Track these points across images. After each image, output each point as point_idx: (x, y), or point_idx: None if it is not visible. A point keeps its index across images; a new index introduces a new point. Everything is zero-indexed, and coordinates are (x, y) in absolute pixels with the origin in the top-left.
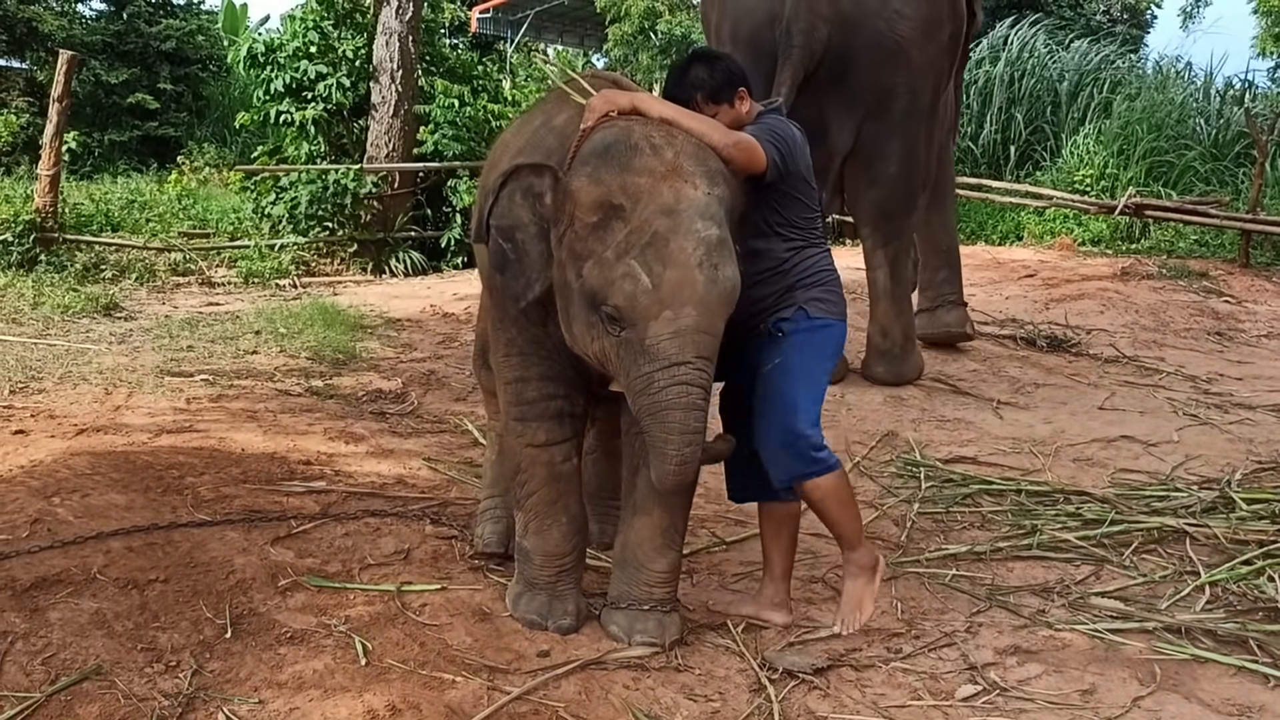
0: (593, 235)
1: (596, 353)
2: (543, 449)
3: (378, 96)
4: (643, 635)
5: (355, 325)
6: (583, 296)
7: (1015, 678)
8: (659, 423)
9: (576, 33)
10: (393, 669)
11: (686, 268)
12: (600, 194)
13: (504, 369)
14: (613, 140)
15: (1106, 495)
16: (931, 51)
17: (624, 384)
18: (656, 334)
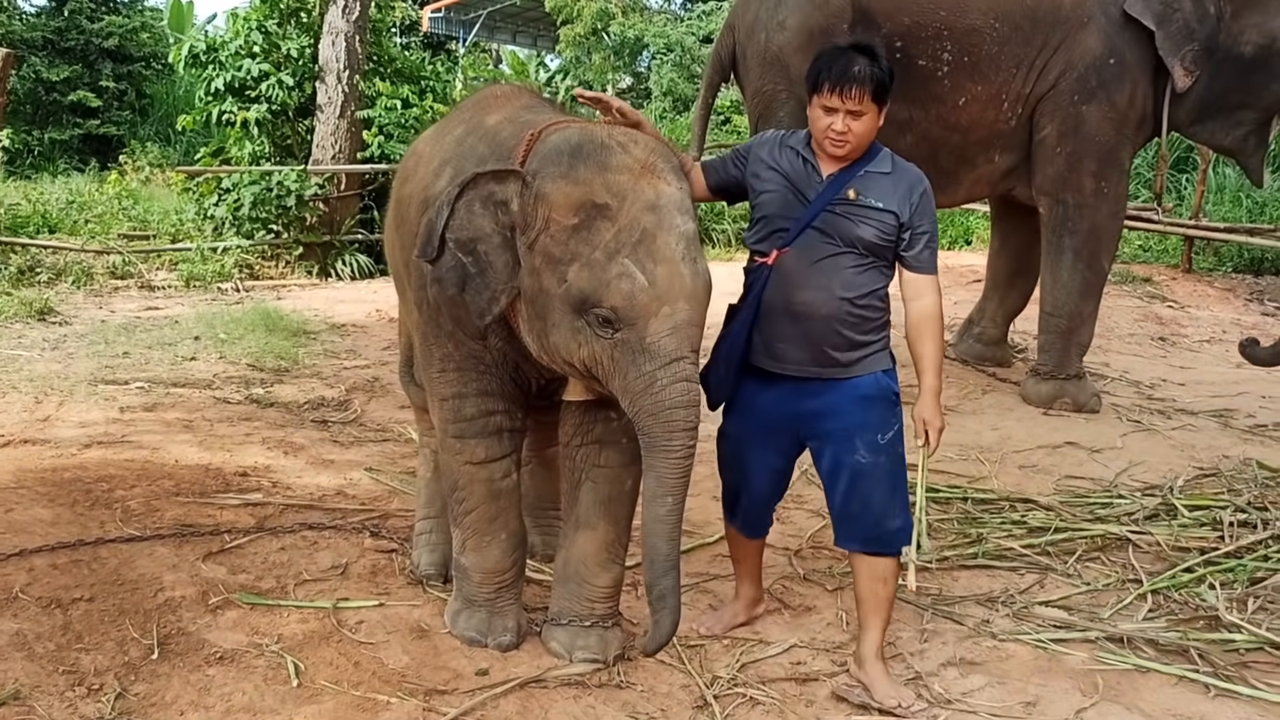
0: (575, 237)
1: (584, 360)
2: (482, 466)
3: (323, 97)
4: (584, 652)
5: (298, 330)
6: (567, 302)
7: (960, 689)
8: (663, 422)
9: (529, 33)
10: (325, 690)
11: (674, 263)
12: (581, 194)
13: (439, 385)
14: (580, 140)
15: (1051, 503)
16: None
17: (618, 386)
18: (657, 331)
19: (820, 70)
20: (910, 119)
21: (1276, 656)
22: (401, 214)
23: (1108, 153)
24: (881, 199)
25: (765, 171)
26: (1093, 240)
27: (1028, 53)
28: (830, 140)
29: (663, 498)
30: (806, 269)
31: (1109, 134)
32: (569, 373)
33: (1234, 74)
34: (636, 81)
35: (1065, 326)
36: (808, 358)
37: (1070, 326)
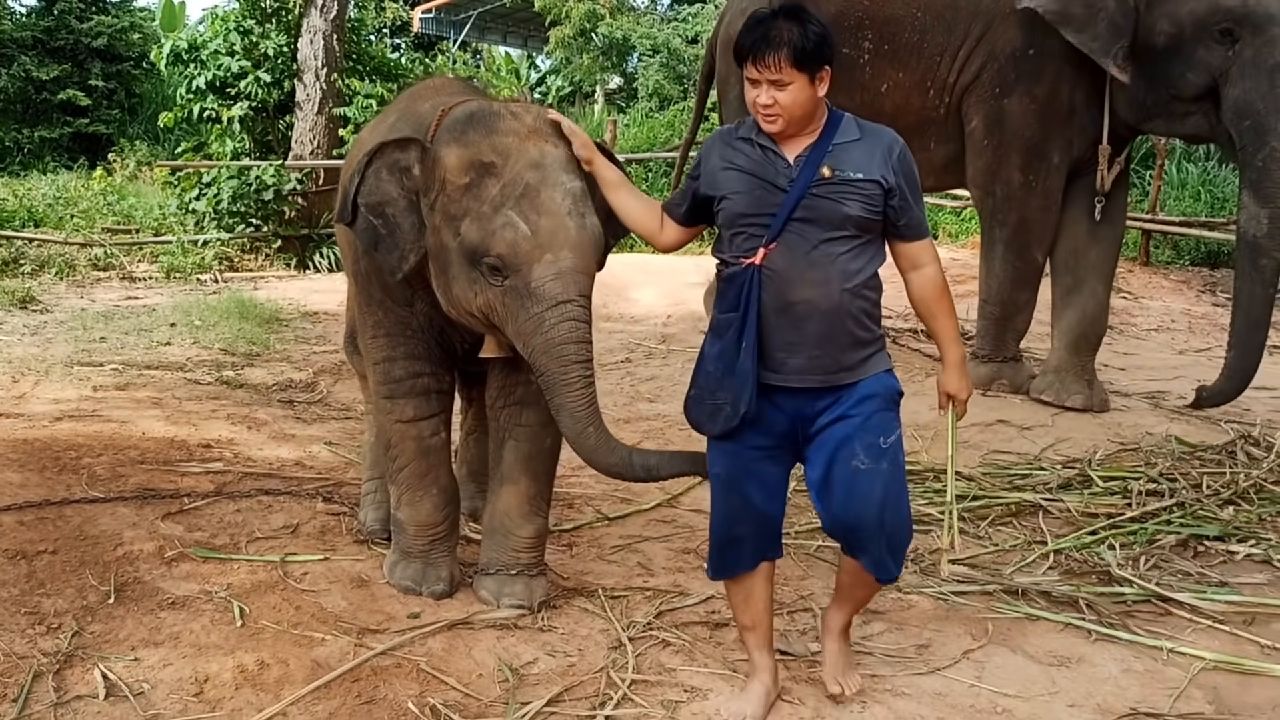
0: (467, 194)
1: (481, 307)
2: (411, 424)
3: (302, 94)
4: (510, 598)
5: (271, 318)
6: (462, 254)
7: (860, 635)
8: (555, 358)
9: (520, 34)
10: (266, 629)
11: (558, 215)
12: (471, 155)
13: (372, 349)
14: (475, 110)
15: (973, 474)
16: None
17: (512, 331)
18: (541, 276)
19: (740, 41)
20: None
21: (1161, 607)
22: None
23: (1033, 146)
24: (860, 168)
25: (722, 175)
26: (1022, 232)
27: (951, 42)
28: (760, 115)
29: (582, 432)
30: (800, 263)
31: (1033, 127)
32: (474, 324)
33: (1156, 67)
34: (626, 82)
35: (999, 314)
36: (812, 365)
37: (1004, 314)
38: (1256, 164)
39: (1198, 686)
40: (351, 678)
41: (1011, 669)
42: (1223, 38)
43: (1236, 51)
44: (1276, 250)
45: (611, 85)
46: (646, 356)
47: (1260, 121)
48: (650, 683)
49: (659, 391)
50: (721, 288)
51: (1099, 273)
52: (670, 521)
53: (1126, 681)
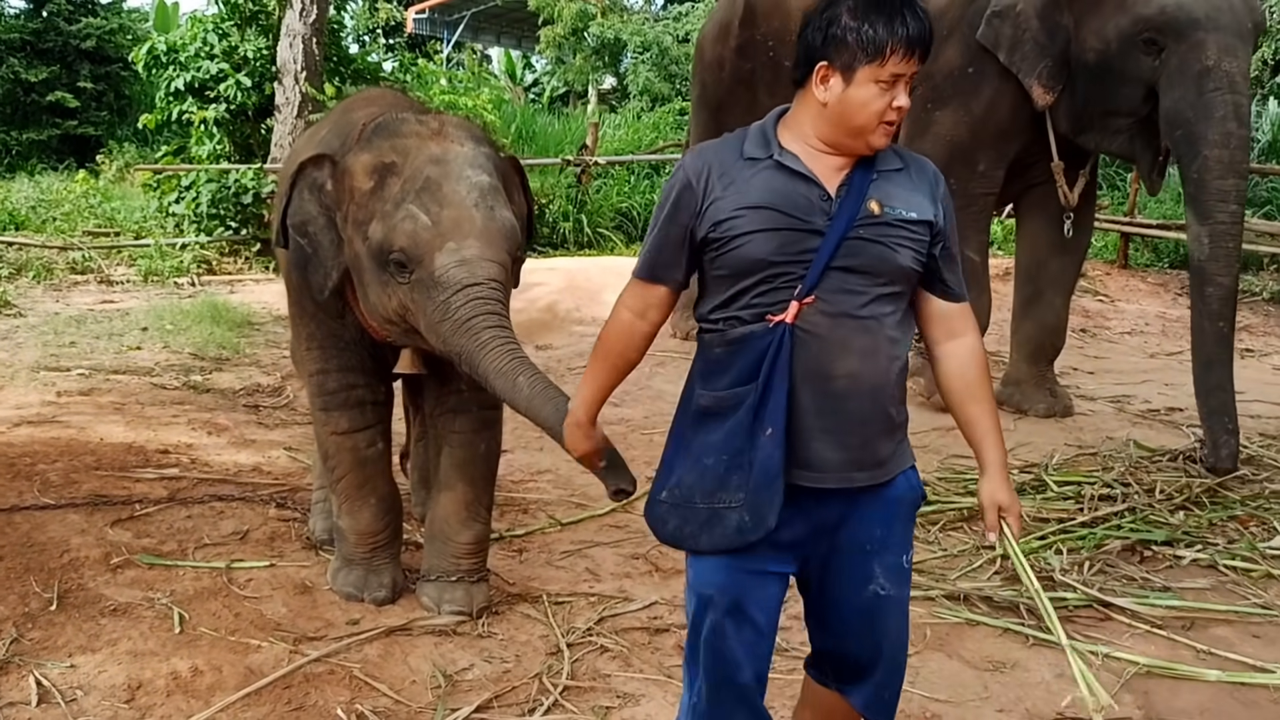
0: (372, 198)
1: (396, 310)
2: (346, 436)
3: (281, 98)
4: (451, 604)
5: (243, 322)
6: (371, 256)
7: (799, 640)
8: (465, 333)
9: (514, 34)
10: (204, 636)
11: (463, 207)
12: (372, 159)
13: (307, 361)
14: (384, 120)
15: (928, 478)
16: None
17: (425, 327)
18: (444, 264)
19: (873, 26)
20: None
21: (1102, 612)
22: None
23: (960, 156)
24: (911, 206)
25: (733, 212)
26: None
27: None
28: (885, 128)
29: (514, 383)
30: (846, 324)
31: (963, 138)
32: (393, 333)
33: (1088, 83)
34: (619, 82)
35: None
36: (853, 459)
37: None
38: (1192, 176)
39: (1129, 691)
40: (283, 684)
41: (946, 674)
42: (1148, 48)
43: (1163, 61)
44: (1221, 275)
45: (605, 85)
46: None
47: (1191, 130)
48: (583, 689)
49: (624, 396)
50: (720, 356)
51: (1059, 285)
52: (623, 527)
53: (1058, 686)
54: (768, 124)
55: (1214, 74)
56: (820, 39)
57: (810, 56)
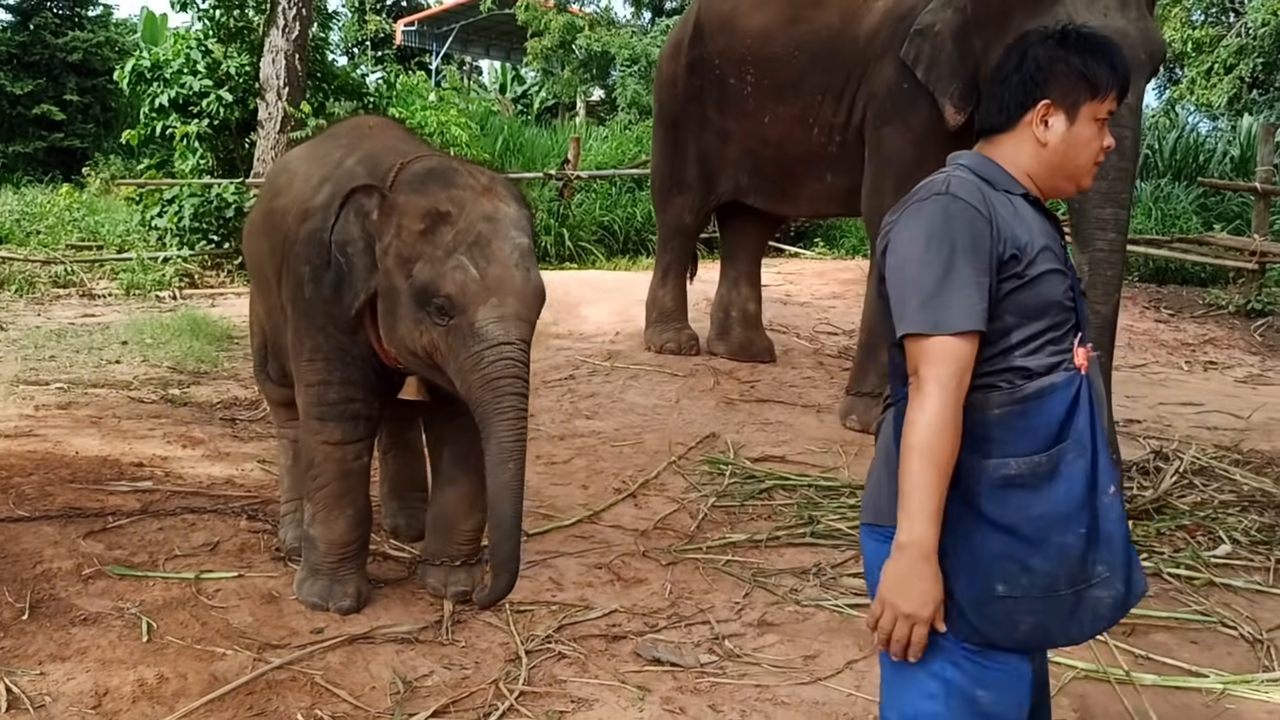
0: (422, 240)
1: (425, 346)
2: (337, 447)
3: (264, 113)
4: (455, 585)
5: (223, 335)
6: (412, 294)
7: (752, 646)
8: (492, 392)
9: (503, 46)
10: (171, 645)
11: (506, 265)
12: (428, 204)
13: (307, 372)
14: (434, 166)
15: None
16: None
17: (453, 369)
18: (484, 318)
19: (1096, 63)
20: (732, 130)
21: None
22: (274, 223)
23: (907, 173)
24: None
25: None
26: None
27: (833, 82)
28: (1096, 167)
29: (504, 464)
30: (1098, 372)
31: (909, 154)
32: (410, 363)
33: None
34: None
35: (866, 341)
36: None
37: (870, 343)
38: (1074, 204)
39: (1066, 695)
40: (246, 691)
41: None
42: None
43: None
44: (1100, 303)
45: (593, 98)
46: (590, 374)
47: None
48: (539, 694)
49: (597, 409)
50: (1009, 415)
51: None
52: (588, 537)
53: None
54: (984, 162)
55: None
56: (1042, 76)
57: (1028, 95)
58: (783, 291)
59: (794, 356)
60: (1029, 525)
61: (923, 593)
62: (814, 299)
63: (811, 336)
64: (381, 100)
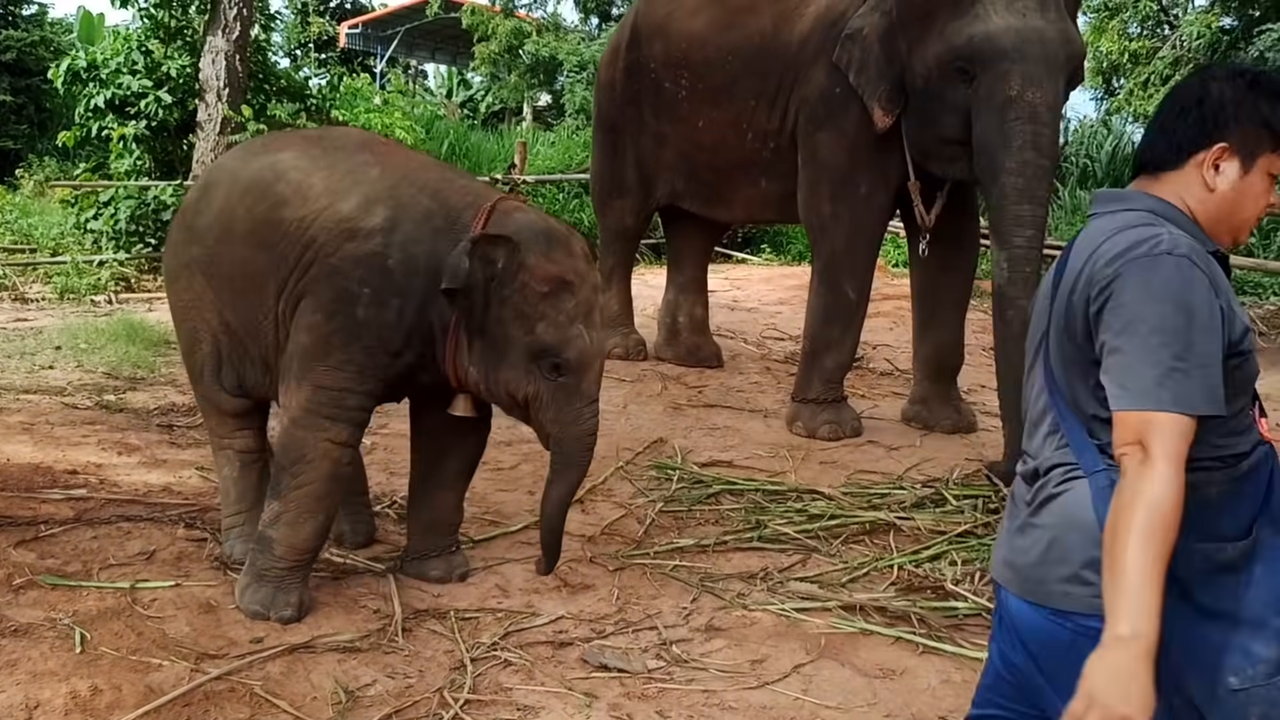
0: (544, 302)
1: (527, 394)
2: (339, 447)
3: (204, 115)
4: (460, 569)
5: (160, 340)
6: (530, 349)
7: (699, 651)
8: (582, 444)
9: (448, 50)
10: (105, 656)
11: (599, 331)
12: (557, 271)
13: (326, 377)
14: (546, 228)
15: (834, 493)
16: (608, 73)
17: (550, 418)
18: (589, 380)
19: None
20: (667, 134)
21: (990, 620)
22: (281, 234)
23: (841, 179)
24: None
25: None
26: (832, 264)
27: (765, 88)
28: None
29: (564, 499)
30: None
31: (842, 160)
32: (499, 401)
33: (919, 108)
34: (555, 100)
35: (809, 349)
36: None
37: (814, 349)
38: (993, 203)
39: None
40: (183, 702)
41: (837, 682)
42: (962, 77)
43: (974, 89)
44: (1020, 298)
45: (540, 103)
46: None
47: (993, 158)
48: (485, 702)
49: None
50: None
51: (953, 304)
52: (535, 544)
53: (944, 692)
54: (1172, 211)
55: (1016, 104)
56: (1224, 118)
57: (1205, 135)
58: (730, 297)
59: (741, 362)
60: (1246, 610)
61: (1143, 692)
62: (761, 304)
63: (759, 342)
64: (325, 103)
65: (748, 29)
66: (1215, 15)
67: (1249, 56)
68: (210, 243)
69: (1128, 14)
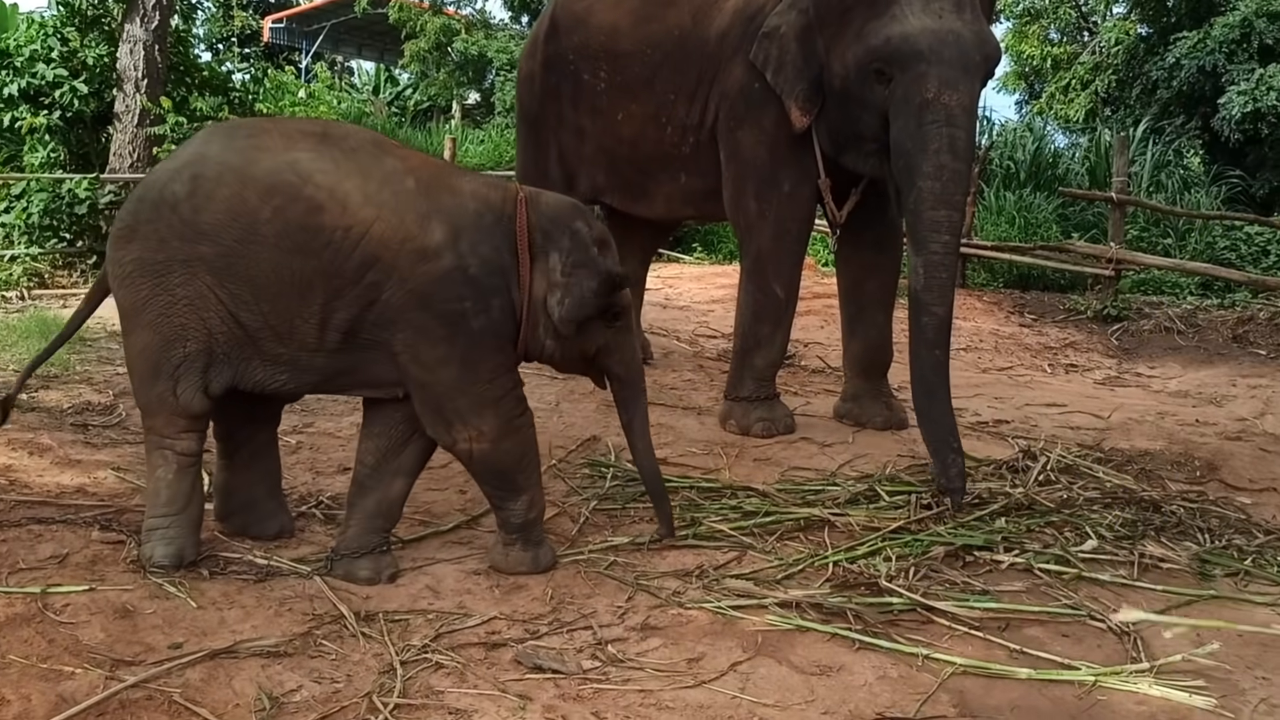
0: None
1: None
2: (531, 429)
3: (121, 105)
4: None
5: (76, 338)
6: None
7: (635, 651)
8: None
9: (376, 46)
10: (14, 665)
11: None
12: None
13: (491, 389)
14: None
15: (768, 490)
16: (528, 66)
17: (614, 359)
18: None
19: None
20: (586, 128)
21: (924, 615)
22: (323, 242)
23: (765, 176)
24: None
25: None
26: (760, 263)
27: (684, 83)
28: None
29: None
30: None
31: (763, 157)
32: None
33: (836, 107)
34: (484, 97)
35: (741, 347)
36: None
37: (745, 348)
38: (909, 207)
39: (945, 691)
40: (96, 712)
41: (775, 679)
42: (879, 78)
43: (891, 91)
44: (935, 304)
45: (469, 101)
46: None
47: (909, 161)
48: (415, 706)
49: None
50: None
51: (879, 302)
52: (466, 543)
53: (880, 688)
54: None
55: (933, 107)
56: None
57: None
58: (662, 295)
59: (674, 359)
60: None
61: None
62: (693, 303)
63: (691, 340)
64: (249, 97)
65: (667, 22)
66: (1132, 22)
67: (1164, 62)
68: (229, 242)
69: (1048, 20)
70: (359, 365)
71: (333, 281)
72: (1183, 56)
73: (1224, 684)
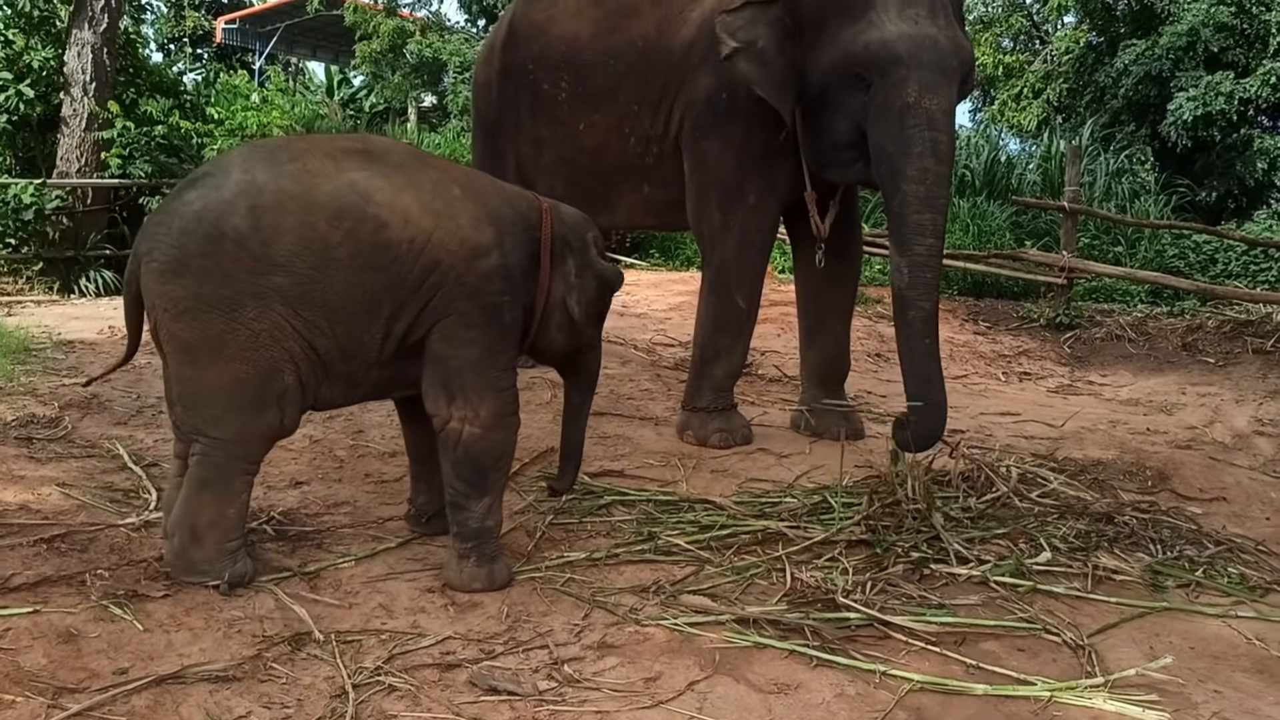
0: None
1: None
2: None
3: (69, 109)
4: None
5: (19, 348)
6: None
7: (592, 670)
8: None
9: (330, 48)
10: None
11: None
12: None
13: (500, 380)
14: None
15: (725, 503)
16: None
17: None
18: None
19: None
20: (545, 137)
21: (881, 630)
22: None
23: (730, 187)
24: None
25: None
26: (722, 274)
27: (648, 93)
28: None
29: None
30: None
31: (729, 167)
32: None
33: (815, 115)
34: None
35: (698, 357)
36: None
37: (704, 358)
38: (893, 210)
39: (903, 708)
40: None
41: (732, 698)
42: (857, 84)
43: (870, 96)
44: (921, 299)
45: (425, 103)
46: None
47: (892, 165)
48: None
49: None
50: None
51: (837, 313)
52: (420, 560)
53: (838, 705)
54: None
55: (914, 111)
56: None
57: None
58: (619, 303)
59: (632, 369)
60: None
61: None
62: (651, 310)
63: (649, 348)
64: (200, 99)
65: (630, 33)
66: (1083, 31)
67: (1113, 70)
68: (304, 270)
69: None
70: (405, 370)
71: (398, 293)
72: (1131, 64)
73: (1177, 697)
